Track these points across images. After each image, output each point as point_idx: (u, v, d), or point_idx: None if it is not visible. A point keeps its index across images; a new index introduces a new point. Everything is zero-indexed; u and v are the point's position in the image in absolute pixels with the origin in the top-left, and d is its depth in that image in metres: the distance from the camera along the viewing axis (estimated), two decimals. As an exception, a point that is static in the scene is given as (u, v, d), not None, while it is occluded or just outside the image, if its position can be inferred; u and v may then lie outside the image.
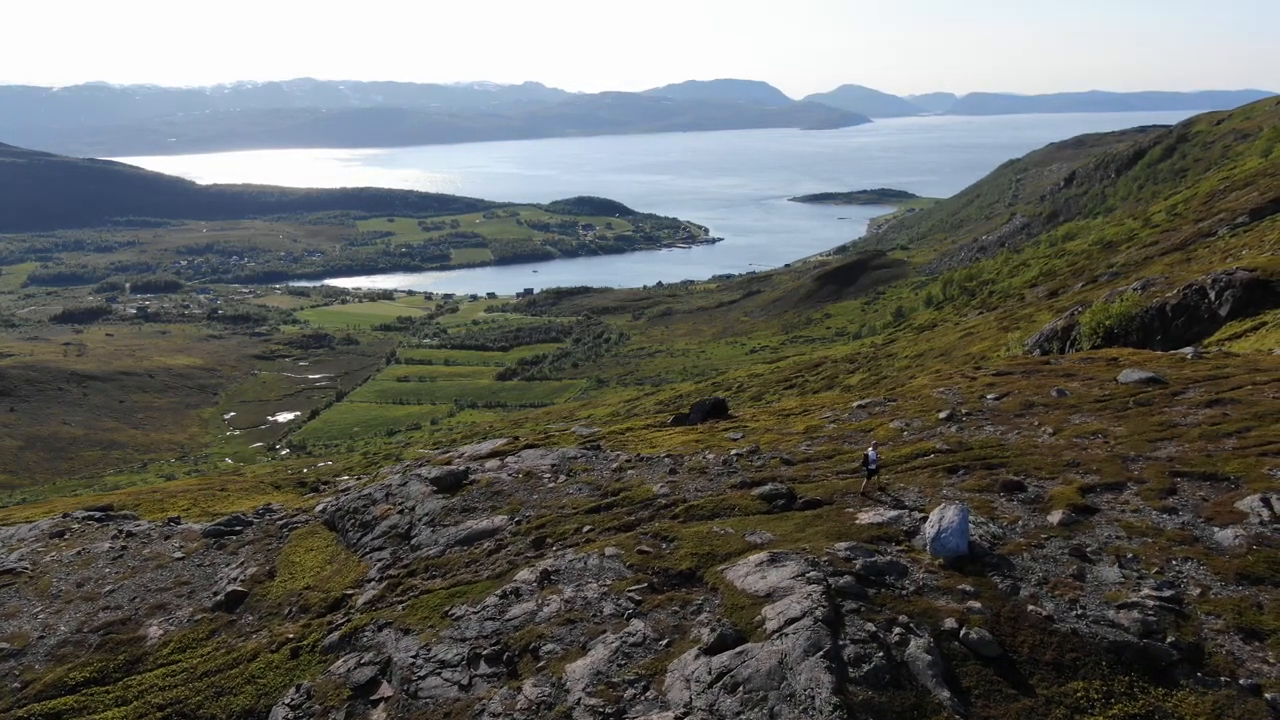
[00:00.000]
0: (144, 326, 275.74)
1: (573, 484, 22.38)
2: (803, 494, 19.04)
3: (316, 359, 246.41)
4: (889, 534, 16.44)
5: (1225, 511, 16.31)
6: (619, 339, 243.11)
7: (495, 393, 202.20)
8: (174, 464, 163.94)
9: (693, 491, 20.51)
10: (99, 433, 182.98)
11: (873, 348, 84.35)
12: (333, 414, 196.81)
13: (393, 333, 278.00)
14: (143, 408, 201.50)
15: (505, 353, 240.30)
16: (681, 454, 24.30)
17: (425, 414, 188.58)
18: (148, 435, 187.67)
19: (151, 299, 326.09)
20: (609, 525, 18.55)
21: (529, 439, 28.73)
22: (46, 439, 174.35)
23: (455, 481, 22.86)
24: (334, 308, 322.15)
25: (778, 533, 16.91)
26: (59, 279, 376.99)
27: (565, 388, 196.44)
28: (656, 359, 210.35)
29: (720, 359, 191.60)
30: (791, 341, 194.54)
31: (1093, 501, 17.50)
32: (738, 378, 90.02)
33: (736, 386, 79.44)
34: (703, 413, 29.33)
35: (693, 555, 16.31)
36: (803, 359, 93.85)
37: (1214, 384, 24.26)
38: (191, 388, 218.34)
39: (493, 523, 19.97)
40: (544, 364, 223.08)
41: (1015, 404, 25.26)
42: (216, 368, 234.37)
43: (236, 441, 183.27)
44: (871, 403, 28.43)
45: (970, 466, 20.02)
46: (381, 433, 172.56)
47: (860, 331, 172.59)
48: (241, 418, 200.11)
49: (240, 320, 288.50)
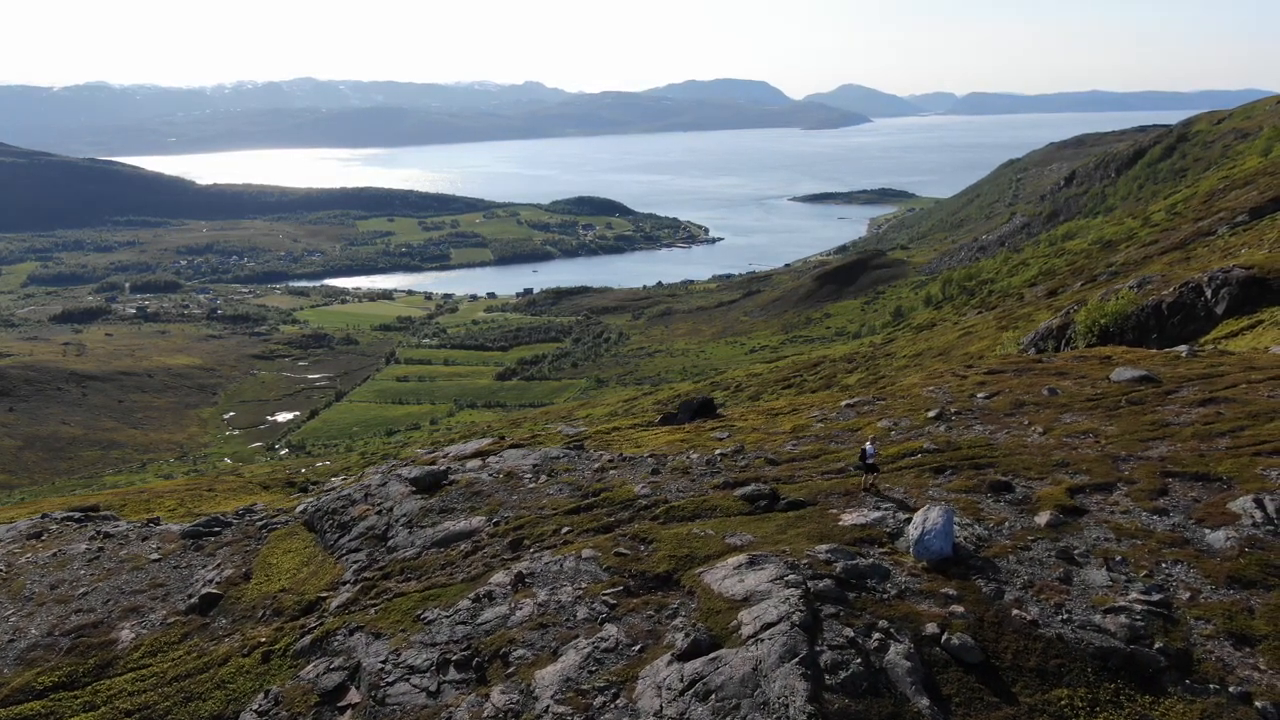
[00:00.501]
0: (143, 326, 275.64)
1: (554, 484, 22.00)
2: (786, 494, 18.70)
3: (316, 359, 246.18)
4: (872, 536, 16.04)
5: (1217, 513, 15.90)
6: (619, 339, 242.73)
7: (495, 393, 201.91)
8: (173, 464, 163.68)
9: (674, 492, 20.16)
10: (98, 433, 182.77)
11: (871, 347, 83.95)
12: (332, 414, 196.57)
13: (392, 333, 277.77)
14: (142, 408, 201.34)
15: (505, 353, 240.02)
16: (665, 454, 23.91)
17: (425, 414, 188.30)
18: (147, 435, 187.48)
19: (151, 299, 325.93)
20: (588, 527, 18.20)
21: (514, 439, 28.34)
22: (46, 439, 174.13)
23: (434, 482, 22.49)
24: (334, 308, 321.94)
25: (758, 534, 16.55)
26: (59, 279, 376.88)
27: (565, 387, 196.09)
28: (656, 359, 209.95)
29: (720, 359, 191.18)
30: (791, 341, 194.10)
31: (1082, 502, 17.09)
32: (736, 377, 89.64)
33: (735, 386, 79.06)
34: (690, 412, 28.98)
35: (670, 558, 15.93)
36: (801, 359, 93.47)
37: (1208, 382, 23.80)
38: (191, 388, 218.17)
39: (470, 524, 19.61)
40: (543, 364, 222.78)
41: (1005, 403, 24.78)
42: (216, 367, 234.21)
43: (236, 441, 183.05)
44: (860, 402, 28.07)
45: (958, 466, 19.62)
46: (381, 433, 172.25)
47: (860, 331, 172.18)
48: (241, 418, 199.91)
49: (240, 320, 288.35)
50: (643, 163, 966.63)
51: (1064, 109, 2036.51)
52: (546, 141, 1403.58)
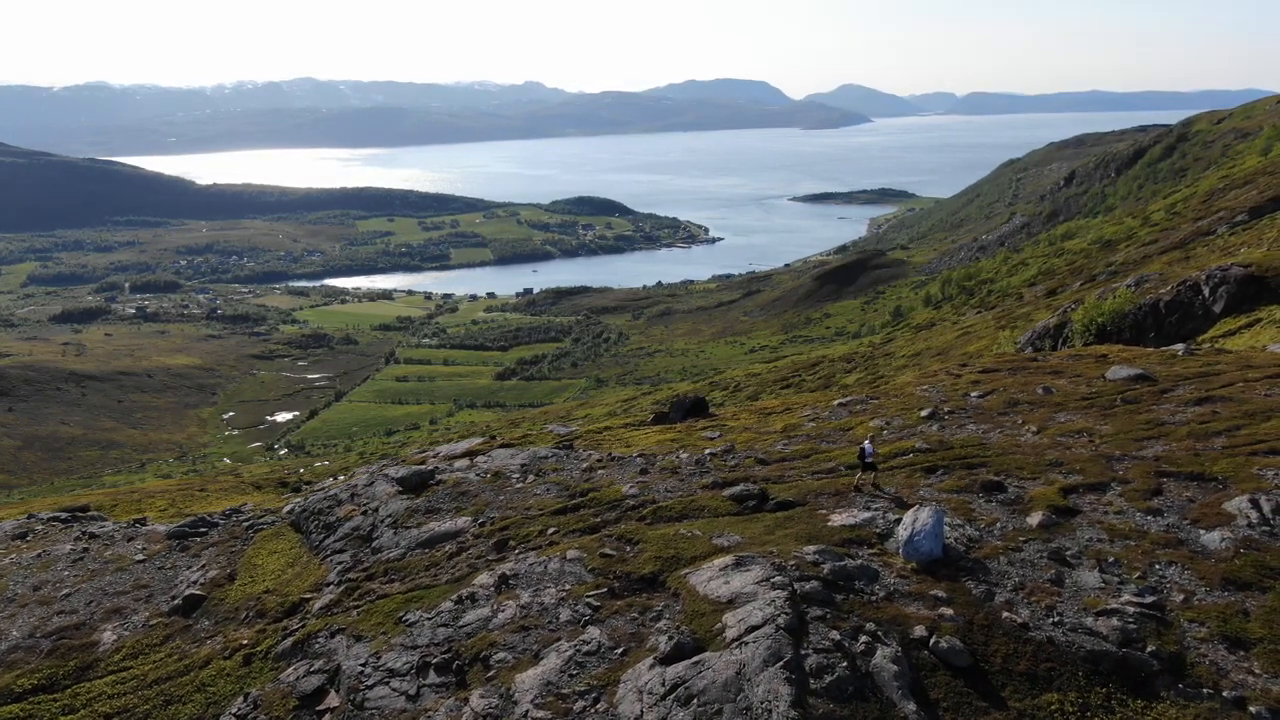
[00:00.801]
0: (143, 326, 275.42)
1: (541, 484, 21.76)
2: (775, 495, 18.46)
3: (316, 359, 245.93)
4: (861, 536, 15.77)
5: (1212, 513, 15.63)
6: (618, 339, 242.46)
7: (494, 393, 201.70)
8: (172, 464, 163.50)
9: (662, 492, 19.88)
10: (97, 432, 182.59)
11: (870, 347, 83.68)
12: (331, 414, 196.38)
13: (392, 332, 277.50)
14: (141, 407, 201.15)
15: (504, 352, 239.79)
16: (655, 453, 23.67)
17: (424, 414, 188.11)
18: (146, 435, 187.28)
19: (151, 299, 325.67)
20: (574, 527, 17.97)
21: (505, 439, 28.09)
22: (45, 439, 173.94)
23: (421, 482, 22.25)
24: (333, 307, 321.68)
25: (746, 535, 16.28)
26: (58, 279, 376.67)
27: (564, 387, 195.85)
28: (656, 359, 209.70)
29: (720, 359, 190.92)
30: (791, 341, 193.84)
31: (1074, 503, 16.75)
32: (735, 377, 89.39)
33: (733, 386, 78.81)
34: (683, 411, 28.72)
35: (656, 559, 15.68)
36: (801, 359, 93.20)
37: (1204, 381, 23.56)
38: (190, 387, 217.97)
39: (456, 524, 19.38)
40: (543, 364, 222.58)
41: (999, 402, 24.52)
42: (215, 367, 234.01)
43: (235, 441, 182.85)
44: (853, 401, 27.81)
45: (950, 466, 19.36)
46: (380, 433, 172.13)
47: (860, 331, 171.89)
48: (240, 418, 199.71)
49: (239, 320, 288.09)
50: (643, 163, 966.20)
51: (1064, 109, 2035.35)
52: (547, 141, 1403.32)
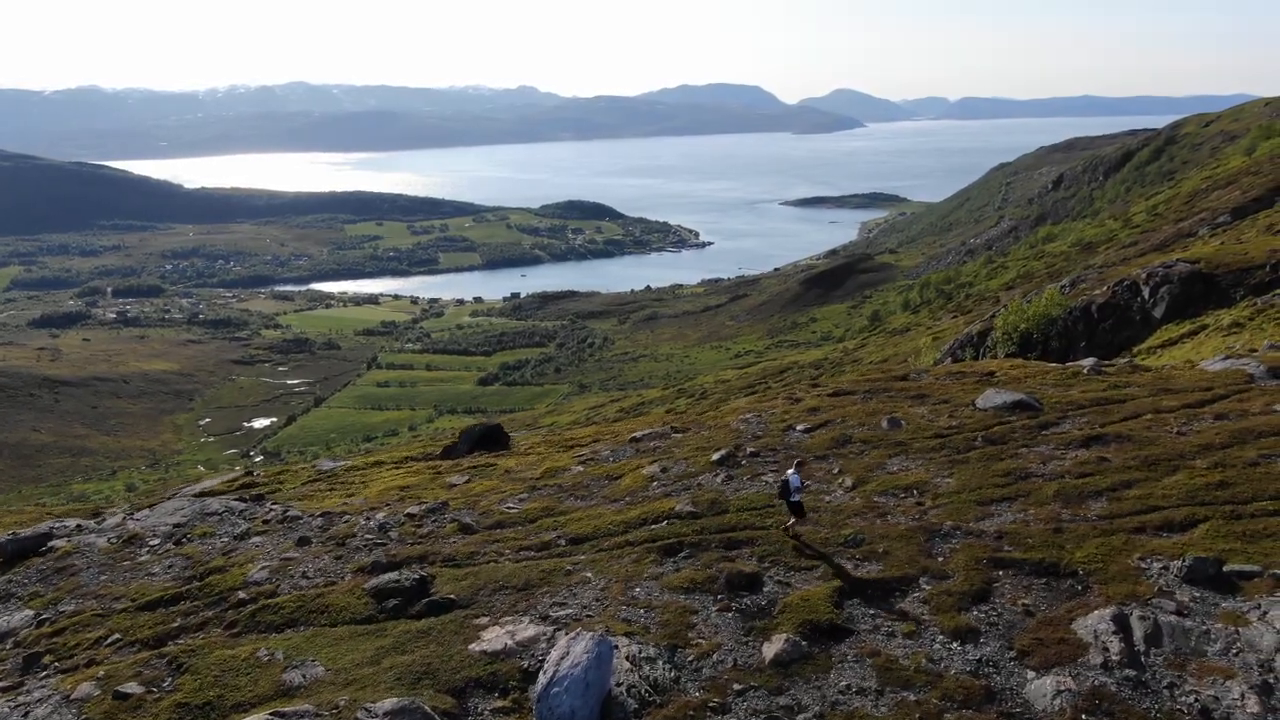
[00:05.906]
0: (122, 331, 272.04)
1: (169, 558, 18.05)
2: (438, 588, 14.64)
3: (297, 364, 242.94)
4: (498, 675, 11.70)
5: (1054, 639, 11.21)
6: (603, 343, 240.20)
7: (476, 398, 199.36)
8: (144, 471, 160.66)
9: (297, 577, 16.15)
10: (69, 439, 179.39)
11: (843, 352, 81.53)
12: (310, 420, 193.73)
13: (376, 337, 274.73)
14: (115, 414, 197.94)
15: (488, 357, 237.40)
16: (350, 511, 19.85)
17: (404, 419, 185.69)
18: (119, 442, 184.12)
19: (132, 303, 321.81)
20: (140, 636, 14.50)
21: (212, 484, 24.77)
22: (14, 446, 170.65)
23: (19, 551, 18.48)
24: (318, 312, 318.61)
25: (341, 663, 12.50)
26: (42, 283, 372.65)
27: (547, 393, 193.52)
28: (640, 364, 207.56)
29: (704, 363, 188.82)
30: (777, 346, 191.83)
31: (849, 614, 12.37)
32: (704, 383, 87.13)
33: (700, 393, 76.54)
34: (471, 443, 25.26)
35: (180, 707, 11.88)
36: (772, 365, 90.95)
37: (1101, 412, 19.15)
38: (167, 393, 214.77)
39: (11, 622, 15.99)
40: (526, 369, 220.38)
41: (825, 440, 19.90)
42: (194, 373, 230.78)
43: (210, 448, 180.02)
44: (651, 434, 23.30)
45: (702, 544, 15.07)
46: (358, 439, 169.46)
47: (844, 336, 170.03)
48: (216, 424, 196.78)
49: (221, 325, 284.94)
50: (635, 167, 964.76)
51: (1057, 114, 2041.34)
52: (540, 145, 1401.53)
